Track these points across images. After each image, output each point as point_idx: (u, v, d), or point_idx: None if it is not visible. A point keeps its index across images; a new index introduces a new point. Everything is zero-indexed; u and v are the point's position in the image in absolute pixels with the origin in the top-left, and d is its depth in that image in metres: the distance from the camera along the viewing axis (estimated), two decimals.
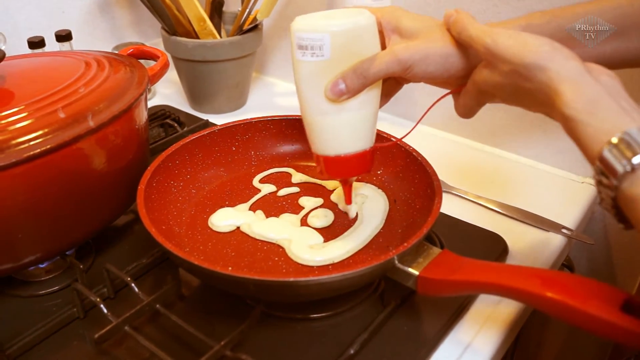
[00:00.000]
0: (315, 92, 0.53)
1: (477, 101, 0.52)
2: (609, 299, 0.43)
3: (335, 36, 0.51)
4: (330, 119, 0.54)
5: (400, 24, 0.53)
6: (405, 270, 0.52)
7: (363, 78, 0.51)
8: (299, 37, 0.52)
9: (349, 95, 0.52)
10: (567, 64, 0.43)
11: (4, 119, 0.53)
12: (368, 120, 0.56)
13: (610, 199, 0.40)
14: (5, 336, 0.53)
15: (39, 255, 0.58)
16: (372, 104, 0.55)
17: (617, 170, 0.39)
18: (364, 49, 0.52)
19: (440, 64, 0.51)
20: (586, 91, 0.42)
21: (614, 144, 0.39)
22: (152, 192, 0.62)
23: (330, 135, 0.55)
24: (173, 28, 0.92)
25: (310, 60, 0.52)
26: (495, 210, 0.73)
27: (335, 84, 0.52)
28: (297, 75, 0.54)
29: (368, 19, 0.52)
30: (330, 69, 0.52)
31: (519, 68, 0.45)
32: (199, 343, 0.52)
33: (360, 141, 0.56)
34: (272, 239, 0.62)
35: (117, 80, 0.63)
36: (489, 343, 0.55)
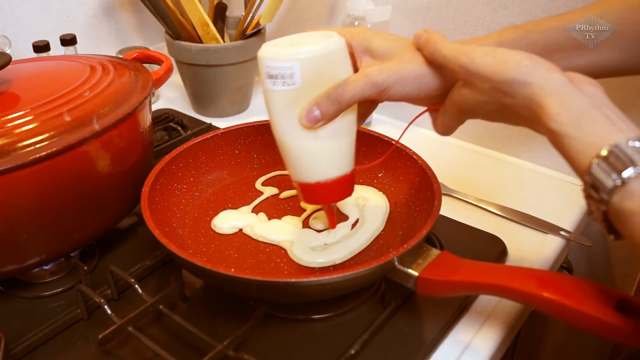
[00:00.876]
0: (289, 120, 0.52)
1: (456, 120, 0.51)
2: (604, 298, 0.44)
3: (305, 63, 0.49)
4: (307, 146, 0.53)
5: (371, 44, 0.52)
6: (405, 271, 0.53)
7: (338, 103, 0.50)
8: (267, 67, 0.50)
9: (324, 121, 0.51)
10: (550, 77, 0.42)
11: (10, 122, 0.54)
12: (346, 145, 0.55)
13: (600, 212, 0.39)
14: (10, 337, 0.54)
15: (43, 257, 0.59)
16: (349, 128, 0.54)
17: (607, 185, 0.38)
18: (336, 73, 0.51)
19: (416, 85, 0.50)
20: (571, 104, 0.41)
21: (603, 157, 0.38)
22: (156, 194, 0.63)
23: (309, 162, 0.54)
24: (177, 32, 0.93)
25: (281, 89, 0.50)
26: (494, 213, 0.74)
27: (309, 111, 0.50)
28: (270, 105, 0.53)
29: (337, 43, 0.51)
30: (303, 97, 0.51)
31: (500, 85, 0.44)
32: (202, 343, 0.52)
33: (340, 166, 0.55)
34: (274, 241, 0.63)
35: (121, 84, 0.64)
36: (489, 343, 0.56)
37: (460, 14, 0.83)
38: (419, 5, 0.87)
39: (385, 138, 0.70)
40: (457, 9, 0.83)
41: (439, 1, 0.85)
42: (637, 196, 0.37)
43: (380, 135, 0.71)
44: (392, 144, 0.63)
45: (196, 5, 0.88)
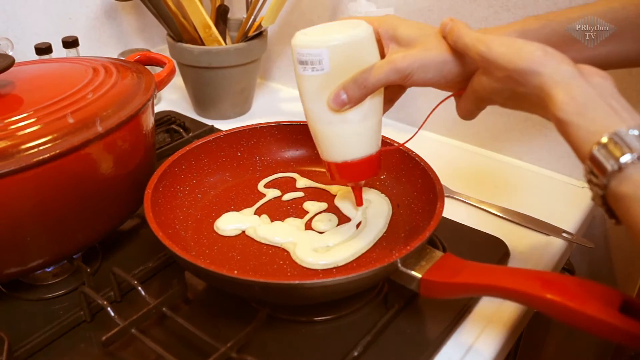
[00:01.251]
0: (319, 103, 0.55)
1: (476, 105, 0.54)
2: (608, 300, 0.44)
3: (333, 50, 0.52)
4: (336, 128, 0.56)
5: (397, 32, 0.54)
6: (408, 273, 0.53)
7: (363, 88, 0.53)
8: (299, 53, 0.54)
9: (351, 104, 0.54)
10: (560, 68, 0.44)
11: (13, 125, 0.54)
12: (372, 127, 0.58)
13: (600, 197, 0.41)
14: (13, 339, 0.54)
15: (46, 259, 0.59)
16: (375, 111, 0.57)
17: (606, 169, 0.40)
18: (363, 59, 0.54)
19: (438, 71, 0.53)
20: (577, 94, 0.43)
21: (603, 143, 0.40)
22: (159, 196, 0.63)
23: (337, 143, 0.58)
24: (179, 34, 0.93)
25: (311, 74, 0.54)
26: (496, 215, 0.74)
27: (337, 95, 0.53)
28: (301, 89, 0.56)
29: (365, 31, 0.54)
30: (331, 81, 0.54)
31: (513, 74, 0.46)
32: (205, 345, 0.52)
33: (366, 147, 0.58)
34: (277, 243, 0.63)
35: (124, 86, 0.64)
36: (491, 345, 0.56)
37: (462, 16, 0.83)
38: (421, 7, 0.87)
39: (388, 140, 0.70)
40: (459, 11, 0.83)
41: (440, 3, 0.85)
42: (632, 181, 0.39)
43: (384, 138, 0.71)
44: (400, 146, 0.64)
45: (198, 7, 0.88)
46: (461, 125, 0.90)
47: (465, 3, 0.83)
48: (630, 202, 0.39)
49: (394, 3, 0.89)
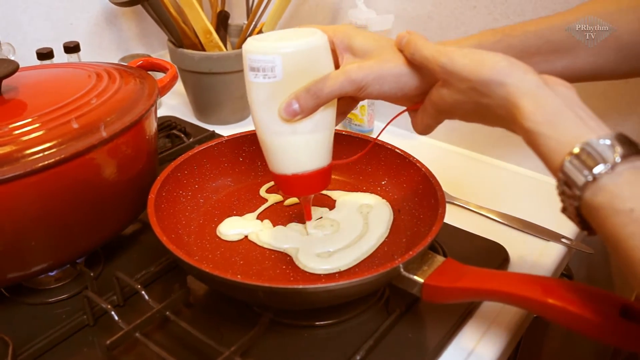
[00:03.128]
0: (269, 113, 0.53)
1: (435, 119, 0.53)
2: (608, 305, 0.44)
3: (286, 57, 0.51)
4: (286, 139, 0.55)
5: (353, 42, 0.54)
6: (410, 277, 0.53)
7: (317, 98, 0.52)
8: (250, 59, 0.52)
9: (303, 115, 0.52)
10: (525, 78, 0.44)
11: (17, 130, 0.54)
12: (324, 140, 0.56)
13: (573, 209, 0.41)
14: (16, 343, 0.54)
15: (50, 263, 0.59)
16: (328, 123, 0.56)
17: (578, 181, 0.39)
18: (317, 68, 0.52)
19: (394, 84, 0.52)
20: (545, 104, 0.42)
21: (575, 154, 0.40)
22: (162, 201, 0.63)
23: (286, 155, 0.56)
24: (180, 40, 0.94)
25: (262, 81, 0.52)
26: (496, 220, 0.75)
27: (288, 105, 0.52)
28: (251, 97, 0.54)
29: (319, 39, 0.53)
30: (283, 90, 0.52)
31: (477, 85, 0.46)
32: (209, 349, 0.53)
33: (317, 160, 0.57)
34: (279, 248, 0.63)
35: (128, 92, 0.64)
36: (492, 349, 0.57)
37: (461, 24, 0.84)
38: (421, 14, 0.88)
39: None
40: (459, 18, 0.84)
41: (440, 10, 0.86)
42: (607, 191, 0.38)
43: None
44: (349, 159, 0.64)
45: (199, 13, 0.89)
46: (461, 132, 0.91)
47: (464, 10, 0.83)
48: (606, 213, 0.38)
49: (394, 10, 0.90)
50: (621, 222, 0.37)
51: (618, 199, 0.37)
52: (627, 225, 0.37)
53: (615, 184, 0.38)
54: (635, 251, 0.36)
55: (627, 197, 0.37)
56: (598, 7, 0.56)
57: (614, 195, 0.38)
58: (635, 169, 0.38)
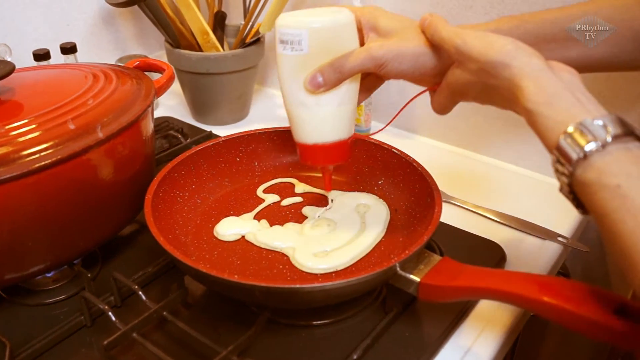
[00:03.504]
0: (296, 84, 0.56)
1: (450, 99, 0.55)
2: (603, 302, 0.44)
3: (313, 32, 0.54)
4: (310, 110, 0.57)
5: (378, 23, 0.56)
6: (407, 277, 0.54)
7: (339, 73, 0.54)
8: (280, 33, 0.55)
9: (326, 87, 0.55)
10: (530, 61, 0.46)
11: (14, 131, 0.54)
12: (346, 113, 0.59)
13: (566, 186, 0.43)
14: (14, 344, 0.54)
15: (47, 264, 0.59)
16: (350, 98, 0.58)
17: (571, 158, 0.41)
18: (342, 45, 0.55)
19: (412, 63, 0.54)
20: (546, 86, 0.44)
21: (569, 133, 0.41)
22: (159, 202, 0.63)
23: (310, 125, 0.59)
24: (177, 41, 0.94)
25: (290, 54, 0.55)
26: (493, 219, 0.75)
27: (313, 77, 0.55)
28: (280, 68, 0.57)
29: (346, 18, 0.55)
30: (309, 63, 0.55)
31: (485, 66, 0.48)
32: (206, 349, 0.53)
33: (338, 131, 0.59)
34: (276, 248, 0.63)
35: (124, 93, 0.64)
36: (489, 347, 0.57)
37: (458, 24, 0.84)
38: (418, 14, 0.86)
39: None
40: (455, 17, 0.84)
41: (437, 11, 0.86)
42: (596, 168, 0.40)
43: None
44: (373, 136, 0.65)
45: (196, 13, 0.89)
46: (458, 130, 0.91)
47: (461, 10, 0.83)
48: (594, 189, 0.40)
49: (391, 10, 0.89)
50: (608, 197, 0.39)
51: (606, 175, 0.39)
52: (613, 199, 0.38)
53: (605, 161, 0.39)
54: (619, 224, 0.38)
55: (614, 173, 0.39)
56: (618, 0, 0.57)
57: (602, 172, 0.39)
58: (626, 149, 0.40)
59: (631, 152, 0.40)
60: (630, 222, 0.37)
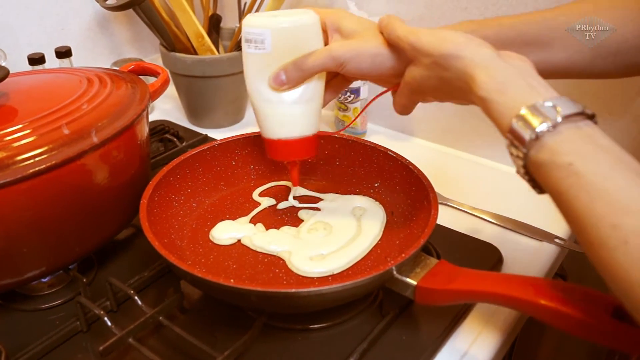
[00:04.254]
0: (260, 81, 0.58)
1: (410, 99, 0.56)
2: (600, 305, 0.44)
3: (275, 32, 0.56)
4: (274, 106, 0.59)
5: (341, 24, 0.57)
6: (403, 280, 0.53)
7: (301, 71, 0.56)
8: (245, 32, 0.57)
9: (289, 85, 0.57)
10: (480, 51, 0.47)
11: (9, 136, 0.54)
12: (310, 110, 0.60)
13: (521, 167, 0.43)
14: (9, 350, 0.54)
15: (42, 270, 0.59)
16: (314, 96, 0.60)
17: (524, 139, 0.42)
18: (305, 44, 0.57)
19: (370, 62, 0.55)
20: (497, 74, 0.45)
21: (521, 115, 0.42)
22: (154, 206, 0.63)
23: (274, 121, 0.61)
24: (172, 44, 0.94)
25: (254, 52, 0.57)
26: (489, 221, 0.75)
27: (277, 75, 0.57)
28: (245, 66, 0.59)
29: (310, 19, 0.57)
30: (272, 62, 0.57)
31: (438, 59, 0.49)
32: (203, 354, 0.52)
33: (302, 127, 0.61)
34: (272, 252, 0.63)
35: (119, 97, 0.64)
36: (486, 351, 0.57)
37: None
38: (413, 17, 0.88)
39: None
40: (450, 19, 0.84)
41: (432, 12, 0.86)
42: (547, 148, 0.41)
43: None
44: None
45: (191, 17, 0.89)
46: (454, 132, 0.91)
47: (456, 12, 0.83)
48: (548, 168, 0.41)
49: (386, 12, 0.90)
50: (561, 175, 0.40)
51: (558, 155, 0.40)
52: (567, 178, 0.39)
53: (556, 141, 0.41)
54: (574, 201, 0.39)
55: (566, 152, 0.40)
56: (576, 6, 0.58)
57: (554, 151, 0.40)
58: (576, 128, 0.41)
59: (582, 130, 0.41)
60: (584, 198, 0.38)
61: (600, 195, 0.38)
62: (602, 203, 0.37)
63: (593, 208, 0.38)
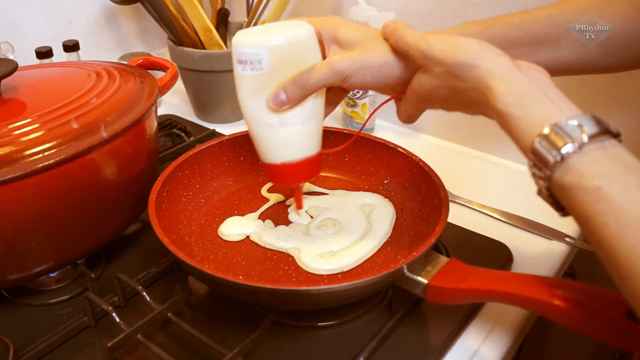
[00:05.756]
0: (258, 104, 0.55)
1: (416, 107, 0.54)
2: (614, 306, 0.44)
3: (273, 50, 0.52)
4: (275, 130, 0.56)
5: (339, 33, 0.54)
6: (414, 278, 0.53)
7: (302, 89, 0.53)
8: (238, 52, 0.53)
9: (290, 105, 0.54)
10: (497, 61, 0.45)
11: (17, 130, 0.54)
12: (313, 129, 0.57)
13: (545, 189, 0.42)
14: (17, 345, 0.54)
15: (50, 265, 0.59)
16: (316, 113, 0.57)
17: (548, 161, 0.40)
18: (303, 60, 0.53)
19: (376, 74, 0.52)
20: (516, 85, 0.43)
21: (545, 135, 0.40)
22: (163, 201, 0.63)
23: (276, 145, 0.57)
24: (180, 38, 0.93)
25: (250, 74, 0.53)
26: (499, 219, 0.74)
27: (276, 95, 0.53)
28: (239, 88, 0.56)
29: (306, 32, 0.53)
30: (270, 82, 0.53)
31: (452, 68, 0.47)
32: (211, 351, 0.52)
33: (305, 148, 0.58)
34: (281, 248, 0.63)
35: (128, 91, 0.64)
36: (496, 350, 0.56)
37: (463, 20, 0.82)
38: (422, 12, 0.87)
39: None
40: (460, 15, 0.83)
41: (442, 7, 0.85)
42: (574, 170, 0.39)
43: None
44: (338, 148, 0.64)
45: (199, 11, 0.88)
46: (465, 130, 0.91)
47: (466, 7, 0.83)
48: (575, 192, 0.39)
49: (395, 7, 0.89)
50: (589, 200, 0.38)
51: (585, 178, 0.38)
52: (595, 203, 0.38)
53: (583, 163, 0.39)
54: (603, 227, 0.37)
55: (594, 175, 0.38)
56: (581, 1, 0.57)
57: (582, 174, 0.39)
58: (602, 148, 0.39)
59: (608, 151, 0.39)
60: (614, 226, 0.37)
61: (632, 222, 0.36)
62: (633, 231, 0.36)
63: (624, 236, 0.36)
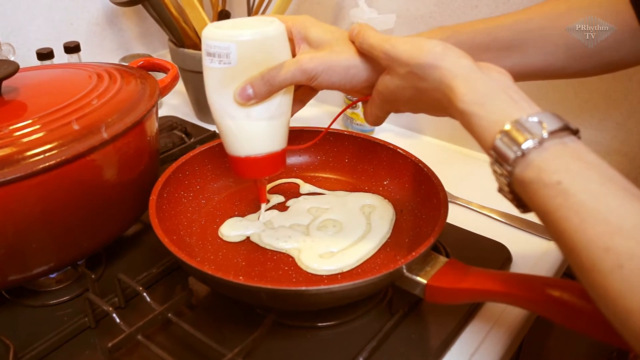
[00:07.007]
0: (224, 96, 0.55)
1: (382, 109, 0.55)
2: None
3: (241, 45, 0.53)
4: (240, 122, 0.56)
5: (309, 33, 0.55)
6: (413, 278, 0.53)
7: (270, 85, 0.53)
8: (207, 45, 0.54)
9: (256, 100, 0.54)
10: (459, 62, 0.46)
11: (18, 131, 0.54)
12: (278, 125, 0.58)
13: (506, 186, 0.42)
14: (17, 346, 0.54)
15: (51, 265, 0.59)
16: (282, 110, 0.58)
17: (509, 157, 0.40)
18: (272, 56, 0.54)
19: (343, 75, 0.53)
20: (477, 85, 0.44)
21: (505, 131, 0.41)
22: (163, 202, 0.63)
23: (240, 138, 0.58)
24: (181, 40, 0.94)
25: (217, 67, 0.54)
26: (498, 220, 0.74)
27: (243, 89, 0.54)
28: (207, 81, 0.57)
29: (276, 29, 0.54)
30: (237, 75, 0.54)
31: (415, 69, 0.47)
32: (212, 351, 0.52)
33: (270, 144, 0.59)
34: (281, 249, 0.63)
35: (129, 93, 0.64)
36: (495, 350, 0.56)
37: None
38: (423, 14, 0.87)
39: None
40: (460, 17, 0.84)
41: (442, 10, 0.85)
42: (534, 165, 0.39)
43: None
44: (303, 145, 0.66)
45: (200, 13, 0.89)
46: (463, 130, 0.90)
47: (466, 9, 0.83)
48: (535, 187, 0.39)
49: (396, 9, 0.90)
50: (549, 194, 0.38)
51: (545, 173, 0.39)
52: (555, 197, 0.38)
53: (543, 158, 0.39)
54: (563, 221, 0.37)
55: (553, 170, 0.39)
56: (548, 8, 0.57)
57: (542, 169, 0.39)
58: (562, 144, 0.40)
59: (568, 147, 0.40)
60: (574, 219, 0.37)
61: (591, 215, 0.36)
62: (593, 224, 0.36)
63: (584, 229, 0.36)
